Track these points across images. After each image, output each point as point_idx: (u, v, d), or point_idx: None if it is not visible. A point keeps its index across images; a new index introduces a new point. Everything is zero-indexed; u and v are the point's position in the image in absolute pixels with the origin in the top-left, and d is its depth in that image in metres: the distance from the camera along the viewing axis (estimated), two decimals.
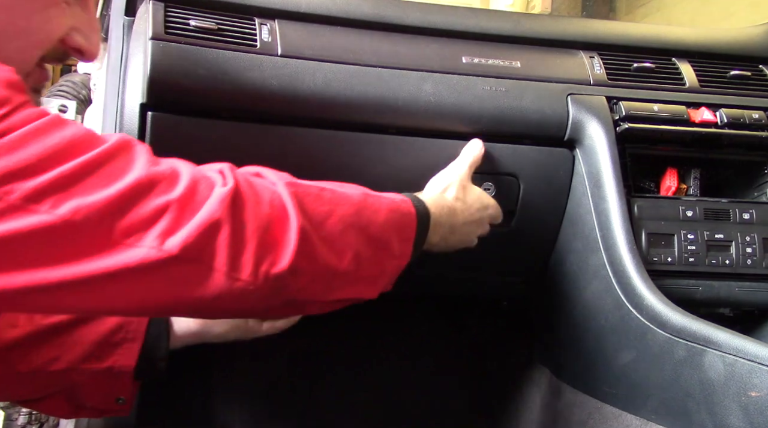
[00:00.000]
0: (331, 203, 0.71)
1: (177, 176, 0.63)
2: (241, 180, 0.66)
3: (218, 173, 0.66)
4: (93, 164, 0.59)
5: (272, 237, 0.65)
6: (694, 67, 1.17)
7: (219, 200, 0.62)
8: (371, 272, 0.75)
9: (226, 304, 0.64)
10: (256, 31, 1.00)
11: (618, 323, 0.99)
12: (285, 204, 0.67)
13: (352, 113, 1.00)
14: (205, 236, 0.61)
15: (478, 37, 1.12)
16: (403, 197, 0.81)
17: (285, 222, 0.66)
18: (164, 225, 0.60)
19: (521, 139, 1.07)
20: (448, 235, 0.89)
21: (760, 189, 1.15)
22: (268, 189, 0.68)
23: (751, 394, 0.76)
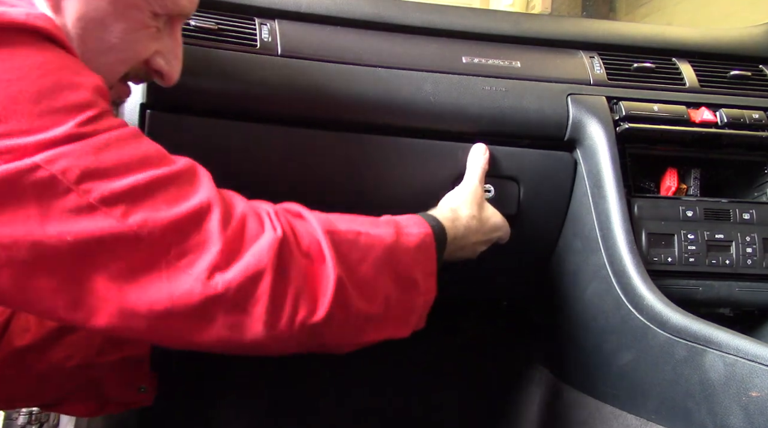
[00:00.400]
0: (365, 248, 0.71)
1: (231, 207, 0.64)
2: (287, 227, 0.66)
3: (267, 215, 0.67)
4: (165, 180, 0.61)
5: (311, 288, 0.65)
6: (694, 67, 1.17)
7: (268, 247, 0.63)
8: (401, 313, 0.76)
9: (259, 348, 0.65)
10: (256, 31, 1.00)
11: (618, 323, 0.99)
12: (324, 254, 0.67)
13: (352, 112, 1.00)
14: (250, 281, 0.61)
15: (478, 37, 1.12)
16: (425, 226, 0.80)
17: (324, 273, 0.66)
18: (214, 256, 0.60)
19: (521, 139, 1.07)
20: (457, 252, 0.89)
21: (760, 189, 1.15)
22: (309, 236, 0.68)
23: (752, 394, 0.76)
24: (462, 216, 0.90)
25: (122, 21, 0.69)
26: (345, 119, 1.00)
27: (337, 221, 0.72)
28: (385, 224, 0.77)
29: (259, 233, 0.64)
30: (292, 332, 0.64)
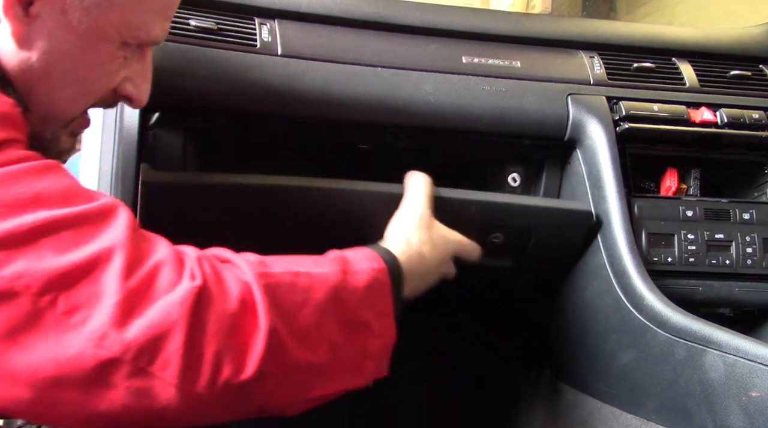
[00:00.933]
0: (305, 290, 0.64)
1: (144, 255, 0.57)
2: (210, 275, 0.59)
3: (190, 263, 0.59)
4: (57, 223, 0.54)
5: (237, 342, 0.58)
6: (694, 67, 1.17)
7: (180, 299, 0.55)
8: (352, 360, 0.68)
9: (179, 416, 0.57)
10: (256, 31, 1.00)
11: (618, 323, 0.99)
12: (255, 300, 0.60)
13: (352, 112, 1.00)
14: (156, 340, 0.54)
15: (478, 37, 1.12)
16: (377, 261, 0.73)
17: (253, 322, 0.59)
18: (111, 311, 0.53)
19: (521, 139, 1.07)
20: (419, 284, 0.81)
21: (760, 189, 1.15)
22: (238, 281, 0.60)
23: (752, 394, 0.76)
24: (414, 243, 0.82)
25: (91, 54, 0.67)
26: (345, 118, 1.00)
27: (271, 263, 0.65)
28: (329, 261, 0.69)
29: (174, 283, 0.56)
30: (214, 394, 0.56)
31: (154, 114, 0.93)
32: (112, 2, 0.66)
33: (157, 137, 0.93)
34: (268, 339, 0.58)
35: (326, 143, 1.06)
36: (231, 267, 0.62)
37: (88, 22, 0.65)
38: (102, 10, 0.65)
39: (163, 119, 0.93)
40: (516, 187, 1.13)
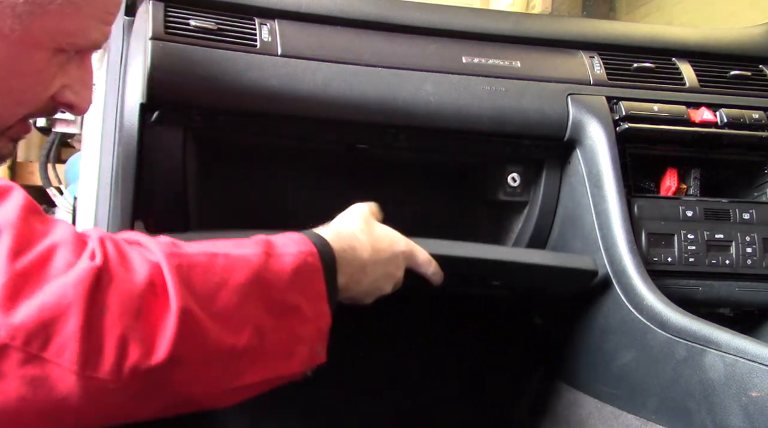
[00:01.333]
0: (224, 271, 0.61)
1: (36, 236, 0.53)
2: (112, 253, 0.55)
3: (91, 240, 0.56)
4: None
5: (145, 323, 0.54)
6: (694, 67, 1.17)
7: (77, 279, 0.52)
8: (282, 344, 0.65)
9: (86, 409, 0.53)
10: (256, 31, 1.00)
11: (618, 323, 0.99)
12: (165, 280, 0.56)
13: (352, 112, 1.00)
14: (48, 324, 0.50)
15: (478, 37, 1.12)
16: (307, 244, 0.69)
17: (163, 303, 0.55)
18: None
19: (521, 139, 1.07)
20: (359, 275, 0.77)
21: (760, 189, 1.15)
22: (146, 262, 0.57)
23: (752, 394, 0.76)
24: (347, 232, 0.78)
25: (23, 63, 0.64)
26: (345, 118, 1.00)
27: (185, 244, 0.62)
28: (252, 244, 0.66)
29: (71, 264, 0.52)
30: (122, 381, 0.52)
31: (154, 114, 0.93)
32: (46, 9, 0.62)
33: (156, 136, 0.93)
34: (180, 320, 0.55)
35: (326, 144, 1.06)
36: (139, 248, 0.59)
37: (20, 30, 0.62)
38: (35, 18, 0.62)
39: (163, 119, 0.93)
40: (516, 187, 1.13)
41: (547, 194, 1.13)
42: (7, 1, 0.60)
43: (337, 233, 0.75)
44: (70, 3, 0.64)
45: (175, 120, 0.94)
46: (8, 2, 0.61)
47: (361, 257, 0.77)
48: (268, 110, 0.97)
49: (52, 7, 0.63)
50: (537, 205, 1.13)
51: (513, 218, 1.17)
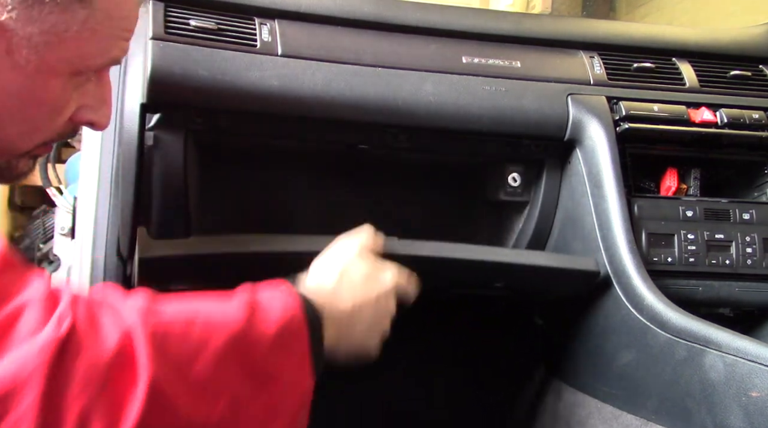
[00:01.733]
0: (201, 337, 0.57)
1: (5, 295, 0.51)
2: (81, 319, 0.52)
3: (61, 306, 0.53)
4: None
5: (111, 395, 0.51)
6: (694, 67, 1.17)
7: (39, 348, 0.49)
8: (260, 416, 0.61)
9: None
10: (256, 31, 1.00)
11: (618, 323, 0.99)
12: (135, 350, 0.53)
13: (352, 112, 1.00)
14: (4, 396, 0.47)
15: (478, 37, 1.12)
16: (292, 301, 0.65)
17: (131, 374, 0.52)
18: None
19: (521, 139, 1.07)
20: (346, 331, 0.72)
21: (760, 189, 1.15)
22: (117, 328, 0.54)
23: (752, 394, 0.76)
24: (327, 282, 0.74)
25: (40, 92, 0.62)
26: (345, 118, 1.00)
27: (163, 309, 0.58)
28: (236, 305, 0.62)
29: (36, 331, 0.49)
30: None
31: (155, 115, 0.93)
32: (62, 37, 0.60)
33: (157, 138, 0.93)
34: (149, 393, 0.52)
35: (326, 144, 1.06)
36: (112, 313, 0.56)
37: (36, 61, 0.60)
38: (51, 47, 0.60)
39: (164, 120, 0.93)
40: (516, 186, 1.13)
41: (547, 194, 1.13)
42: (22, 33, 0.59)
43: (318, 287, 0.72)
44: (86, 28, 0.62)
45: (176, 123, 0.94)
46: (23, 34, 0.59)
47: (345, 309, 0.72)
48: (268, 109, 0.97)
49: (68, 34, 0.61)
50: (537, 205, 1.13)
51: (513, 218, 1.17)
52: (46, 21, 0.59)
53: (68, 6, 0.59)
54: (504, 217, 1.18)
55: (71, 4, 0.60)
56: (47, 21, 0.59)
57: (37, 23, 0.59)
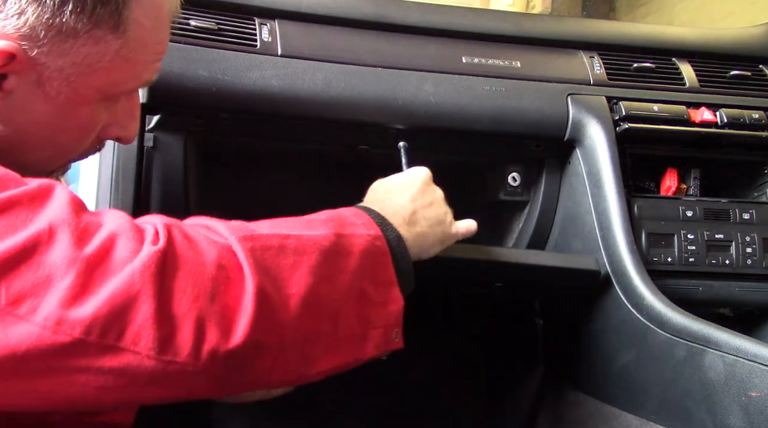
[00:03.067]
0: (296, 252, 0.59)
1: (93, 228, 0.52)
2: (177, 236, 0.55)
3: (151, 226, 0.55)
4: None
5: (221, 305, 0.53)
6: (694, 67, 1.17)
7: (141, 265, 0.51)
8: (355, 329, 0.63)
9: (165, 391, 0.53)
10: (256, 31, 1.00)
11: (618, 323, 0.99)
12: (239, 262, 0.55)
13: (352, 112, 1.00)
14: (117, 312, 0.49)
15: (478, 37, 1.12)
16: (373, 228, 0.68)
17: (238, 285, 0.54)
18: (64, 292, 0.48)
19: (521, 139, 1.07)
20: (421, 239, 0.76)
21: (760, 189, 1.15)
22: (216, 245, 0.56)
23: (752, 394, 0.76)
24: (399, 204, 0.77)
25: (70, 120, 0.62)
26: (345, 118, 1.00)
27: (257, 226, 0.61)
28: (322, 223, 0.65)
29: (135, 251, 0.52)
30: (199, 365, 0.52)
31: (154, 117, 0.93)
32: (95, 67, 0.60)
33: (157, 139, 0.93)
34: (256, 302, 0.54)
35: (326, 145, 1.06)
36: (206, 231, 0.58)
37: (67, 92, 0.60)
38: (83, 78, 0.60)
39: (163, 122, 0.93)
40: (516, 186, 1.13)
41: (547, 194, 1.13)
42: (53, 66, 0.58)
43: (395, 212, 0.74)
44: (120, 57, 0.61)
45: (176, 125, 0.94)
46: (55, 67, 0.59)
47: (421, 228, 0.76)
48: (268, 110, 0.97)
49: (101, 65, 0.60)
50: (537, 205, 1.13)
51: (513, 217, 1.17)
52: (78, 53, 0.59)
53: (102, 38, 0.59)
54: (504, 217, 1.18)
55: (105, 36, 0.59)
56: (80, 53, 0.59)
57: (69, 56, 0.59)
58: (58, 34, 0.57)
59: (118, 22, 0.60)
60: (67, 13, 0.57)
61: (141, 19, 0.61)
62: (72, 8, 0.57)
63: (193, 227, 0.58)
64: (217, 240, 0.57)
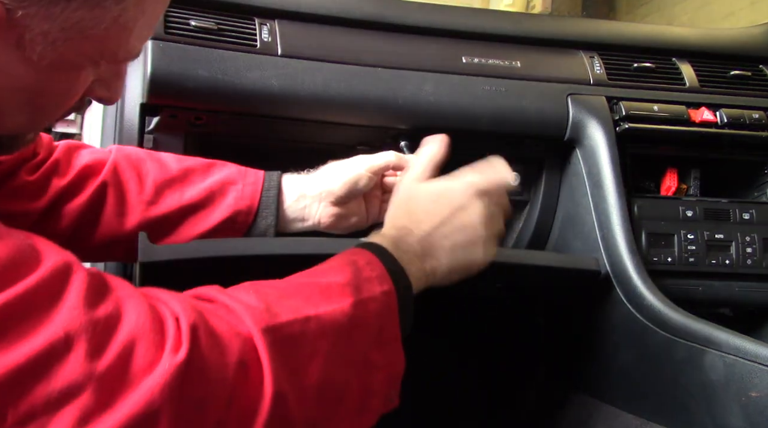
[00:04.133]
0: (315, 337, 0.57)
1: (110, 330, 0.48)
2: (201, 336, 0.51)
3: (171, 324, 0.50)
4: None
5: (236, 410, 0.51)
6: (694, 67, 1.17)
7: (162, 380, 0.47)
8: (356, 403, 0.61)
9: None
10: (256, 31, 1.00)
11: (618, 323, 0.99)
12: (260, 359, 0.53)
13: (353, 113, 1.00)
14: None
15: (478, 37, 1.12)
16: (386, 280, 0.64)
17: (257, 386, 0.52)
18: (78, 411, 0.45)
19: (521, 139, 1.07)
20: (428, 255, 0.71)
21: (760, 189, 1.15)
22: (239, 338, 0.53)
23: (751, 394, 0.76)
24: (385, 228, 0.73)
25: (54, 84, 0.57)
26: (345, 119, 1.00)
27: (278, 307, 0.56)
28: (340, 289, 0.61)
29: (154, 361, 0.48)
30: None
31: (153, 118, 0.93)
32: (87, 34, 0.53)
33: (157, 141, 0.93)
34: (272, 405, 0.52)
35: (326, 145, 1.06)
36: (229, 317, 0.54)
37: (51, 56, 0.53)
38: (72, 43, 0.53)
39: (163, 123, 0.93)
40: (516, 186, 1.12)
41: (547, 194, 1.13)
42: (38, 29, 0.51)
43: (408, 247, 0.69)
44: (117, 24, 0.55)
45: (175, 126, 0.94)
46: (39, 30, 0.51)
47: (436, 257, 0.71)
48: (268, 110, 0.97)
49: (94, 31, 0.54)
50: (537, 205, 1.14)
51: (513, 217, 1.17)
52: (69, 18, 0.52)
53: (100, 3, 0.52)
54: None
55: (104, 1, 0.53)
56: (71, 18, 0.52)
57: (59, 20, 0.52)
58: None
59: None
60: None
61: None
62: None
63: (217, 312, 0.55)
64: (240, 331, 0.53)
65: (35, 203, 0.81)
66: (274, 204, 0.89)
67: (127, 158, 0.87)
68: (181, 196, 0.86)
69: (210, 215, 0.86)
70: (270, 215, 0.89)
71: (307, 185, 0.91)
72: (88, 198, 0.83)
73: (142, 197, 0.85)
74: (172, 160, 0.88)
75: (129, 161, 0.86)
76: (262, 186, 0.89)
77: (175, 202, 0.86)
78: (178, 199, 0.86)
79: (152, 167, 0.86)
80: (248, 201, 0.88)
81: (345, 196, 0.89)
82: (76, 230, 0.83)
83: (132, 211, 0.84)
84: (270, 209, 0.89)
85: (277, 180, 0.91)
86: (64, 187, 0.82)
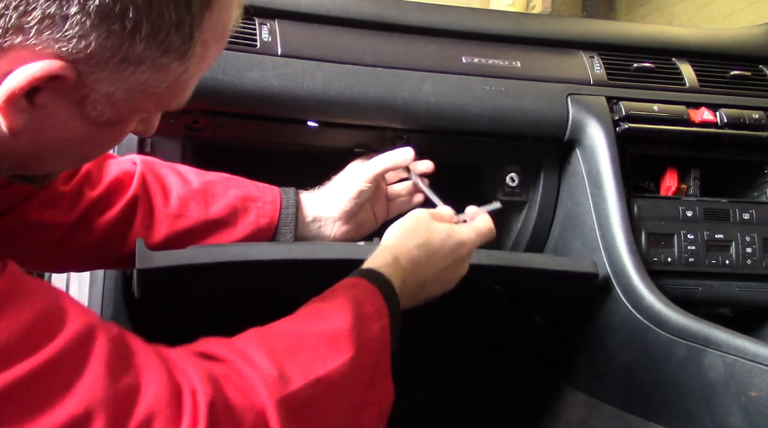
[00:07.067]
0: (324, 395, 0.59)
1: (130, 404, 0.48)
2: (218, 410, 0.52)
3: (190, 398, 0.51)
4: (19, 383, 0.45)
5: None
6: (694, 67, 1.17)
7: None
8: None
9: None
10: (256, 31, 1.00)
11: (618, 323, 0.99)
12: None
13: (352, 112, 1.00)
14: None
15: (478, 37, 1.12)
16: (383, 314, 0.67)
17: None
18: None
19: (521, 139, 1.07)
20: (418, 292, 0.78)
21: (760, 189, 1.15)
22: (253, 411, 0.54)
23: (751, 394, 0.76)
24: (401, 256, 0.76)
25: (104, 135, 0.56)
26: (345, 119, 1.00)
27: (288, 368, 0.57)
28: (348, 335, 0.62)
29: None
30: None
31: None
32: (147, 93, 0.53)
33: (155, 145, 0.93)
34: None
35: (326, 145, 1.06)
36: (243, 386, 0.55)
37: (110, 114, 0.53)
38: (132, 102, 0.53)
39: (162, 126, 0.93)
40: (514, 187, 1.13)
41: (545, 194, 1.13)
42: (103, 90, 0.51)
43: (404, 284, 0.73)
44: (177, 82, 0.55)
45: (174, 130, 0.94)
46: (105, 91, 0.51)
47: (419, 279, 0.77)
48: (267, 109, 0.97)
49: (155, 90, 0.54)
50: (536, 205, 1.14)
51: (512, 218, 1.17)
52: (135, 80, 0.52)
53: (166, 65, 0.52)
54: (503, 217, 1.18)
55: (170, 64, 0.52)
56: (137, 80, 0.52)
57: (125, 83, 0.51)
58: (120, 62, 0.50)
59: (187, 48, 0.52)
60: (138, 41, 0.49)
61: (209, 41, 0.55)
62: (144, 35, 0.49)
63: (232, 379, 0.55)
64: (254, 404, 0.54)
65: (68, 215, 0.81)
66: (292, 222, 0.92)
67: (152, 170, 0.87)
68: (206, 211, 0.87)
69: (233, 231, 0.89)
70: (288, 233, 0.92)
71: (321, 205, 0.95)
72: (119, 211, 0.84)
73: (168, 211, 0.86)
74: (191, 173, 0.90)
75: (154, 174, 0.87)
76: (280, 204, 0.92)
77: (201, 216, 0.87)
78: (204, 213, 0.87)
79: (174, 181, 0.87)
80: (268, 219, 0.91)
81: (354, 210, 0.95)
82: (105, 241, 0.83)
83: (159, 224, 0.85)
84: (289, 226, 0.92)
85: (294, 198, 0.94)
86: (95, 199, 0.82)
